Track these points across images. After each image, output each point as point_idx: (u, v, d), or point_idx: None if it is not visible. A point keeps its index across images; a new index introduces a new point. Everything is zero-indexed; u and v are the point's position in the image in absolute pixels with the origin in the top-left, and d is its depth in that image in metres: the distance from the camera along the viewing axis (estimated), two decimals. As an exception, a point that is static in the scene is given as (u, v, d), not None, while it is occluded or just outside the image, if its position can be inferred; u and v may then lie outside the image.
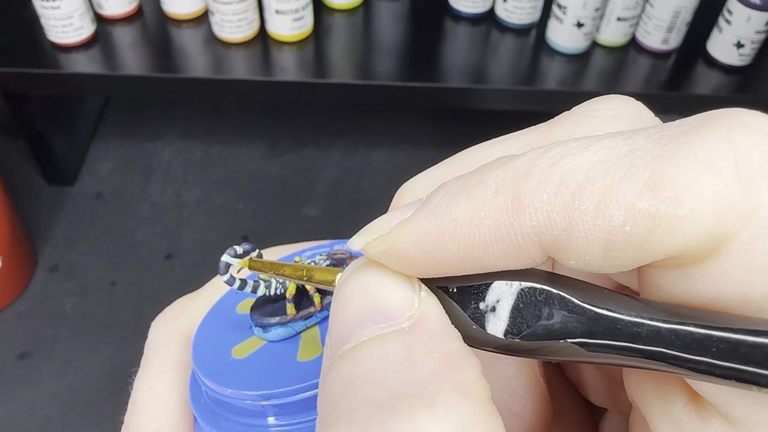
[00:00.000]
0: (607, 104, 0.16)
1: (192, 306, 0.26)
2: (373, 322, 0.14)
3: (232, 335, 0.23)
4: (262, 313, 0.23)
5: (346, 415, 0.13)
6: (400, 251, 0.14)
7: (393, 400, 0.12)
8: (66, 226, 1.04)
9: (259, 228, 1.04)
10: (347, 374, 0.13)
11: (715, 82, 0.94)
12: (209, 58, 0.94)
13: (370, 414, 0.12)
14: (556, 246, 0.13)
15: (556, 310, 0.13)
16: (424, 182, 0.17)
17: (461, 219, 0.13)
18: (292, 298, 0.23)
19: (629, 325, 0.13)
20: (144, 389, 0.24)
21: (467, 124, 1.18)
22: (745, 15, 0.87)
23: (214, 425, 0.21)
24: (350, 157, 1.14)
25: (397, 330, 0.14)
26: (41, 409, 0.88)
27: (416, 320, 0.14)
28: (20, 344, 0.92)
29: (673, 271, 0.13)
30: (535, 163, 0.13)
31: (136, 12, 0.98)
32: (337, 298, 0.15)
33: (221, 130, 1.18)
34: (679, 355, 0.12)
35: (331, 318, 0.15)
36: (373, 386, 0.13)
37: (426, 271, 0.14)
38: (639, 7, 0.92)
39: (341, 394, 0.13)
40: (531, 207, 0.13)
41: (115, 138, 1.16)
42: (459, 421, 0.12)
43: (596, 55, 0.96)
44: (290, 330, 0.23)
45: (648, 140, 0.12)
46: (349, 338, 0.14)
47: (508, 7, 0.96)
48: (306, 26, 0.94)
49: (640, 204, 0.12)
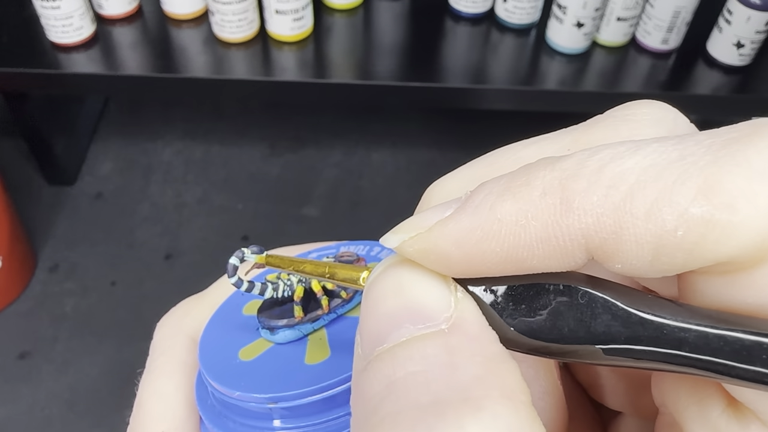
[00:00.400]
0: (643, 109, 0.16)
1: (198, 307, 0.26)
2: (410, 322, 0.14)
3: (239, 337, 0.23)
4: (269, 315, 0.23)
5: (390, 417, 0.12)
6: (440, 250, 0.14)
7: (439, 404, 0.12)
8: (66, 226, 1.04)
9: (259, 228, 1.04)
10: (387, 376, 0.13)
11: (715, 82, 0.94)
12: (209, 58, 0.94)
13: (417, 417, 0.12)
14: (603, 249, 0.13)
15: (598, 313, 0.13)
16: (456, 182, 0.17)
17: (507, 219, 0.13)
18: (299, 300, 0.23)
19: (676, 330, 0.13)
20: (150, 390, 0.24)
21: (467, 124, 1.18)
22: (745, 15, 0.87)
23: (221, 427, 0.21)
24: (350, 157, 1.14)
25: (437, 331, 0.13)
26: (41, 409, 0.88)
27: (454, 321, 0.14)
28: (20, 344, 0.92)
29: (719, 278, 0.13)
30: (583, 165, 0.13)
31: (136, 12, 0.98)
32: (369, 296, 0.15)
33: (221, 130, 1.18)
34: (727, 363, 0.12)
35: (363, 317, 0.15)
36: (416, 389, 0.13)
37: (465, 272, 0.14)
38: (639, 7, 0.92)
39: (382, 396, 0.13)
40: (580, 209, 0.12)
41: (115, 138, 1.16)
42: (506, 426, 0.12)
43: (596, 55, 0.96)
44: (298, 332, 0.22)
45: (699, 146, 0.12)
46: (386, 338, 0.14)
47: (508, 7, 0.96)
48: (306, 26, 0.94)
49: (694, 209, 0.12)
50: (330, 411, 0.20)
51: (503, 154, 0.17)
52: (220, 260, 0.31)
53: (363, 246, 0.26)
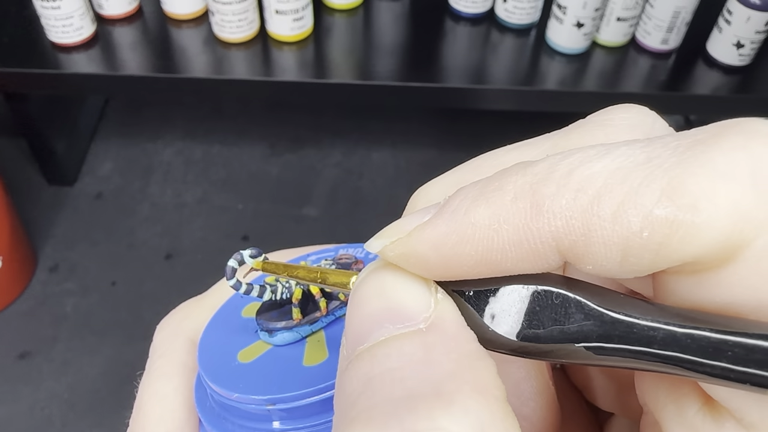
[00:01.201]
0: (621, 113, 0.16)
1: (197, 309, 0.26)
2: (390, 322, 0.14)
3: (238, 339, 0.23)
4: (267, 317, 0.23)
5: (365, 412, 0.13)
6: (419, 254, 0.14)
7: (412, 398, 0.13)
8: (66, 226, 1.04)
9: (259, 228, 1.04)
10: (365, 373, 0.13)
11: (715, 83, 0.94)
12: (209, 58, 0.94)
13: (390, 411, 0.12)
14: (573, 251, 0.13)
15: (572, 313, 0.14)
16: (440, 187, 0.17)
17: (480, 223, 0.13)
18: (297, 302, 0.23)
19: (645, 329, 0.13)
20: (149, 393, 0.24)
21: (467, 124, 1.18)
22: (745, 15, 0.87)
23: (220, 429, 0.21)
24: (350, 157, 1.14)
25: (415, 330, 0.14)
26: (41, 409, 0.88)
27: (433, 321, 0.14)
28: (20, 344, 0.92)
29: (688, 277, 0.13)
30: (553, 169, 0.13)
31: (136, 12, 0.98)
32: (354, 299, 0.15)
33: (221, 130, 1.18)
34: (694, 360, 0.12)
35: (348, 318, 0.15)
36: (391, 385, 0.13)
37: (443, 274, 0.14)
38: (639, 7, 0.92)
39: (359, 392, 0.13)
40: (550, 212, 0.13)
41: (115, 138, 1.16)
42: (477, 420, 0.12)
43: (596, 56, 0.96)
44: (296, 334, 0.23)
45: (665, 148, 0.13)
46: (366, 338, 0.14)
47: (508, 7, 0.96)
48: (306, 26, 0.94)
49: (658, 211, 0.12)
50: (329, 412, 0.20)
51: (486, 159, 0.17)
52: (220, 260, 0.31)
53: (362, 249, 0.26)
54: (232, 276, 0.22)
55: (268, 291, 0.23)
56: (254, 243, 1.01)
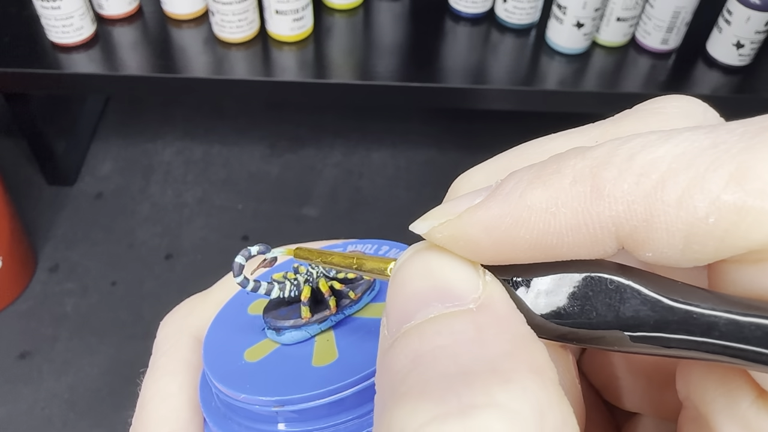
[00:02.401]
0: (673, 102, 0.16)
1: (201, 306, 0.26)
2: (438, 301, 0.14)
3: (244, 337, 0.23)
4: (275, 315, 0.22)
5: (417, 387, 0.12)
6: (469, 236, 0.14)
7: (467, 374, 0.12)
8: (66, 226, 1.04)
9: (259, 228, 1.04)
10: (414, 350, 0.13)
11: (715, 83, 0.94)
12: (209, 58, 0.94)
13: (445, 386, 0.12)
14: (633, 237, 0.13)
15: (627, 299, 0.13)
16: (484, 173, 0.17)
17: (537, 206, 0.13)
18: (306, 300, 0.22)
19: (705, 317, 0.12)
20: (153, 391, 0.23)
21: (467, 124, 1.18)
22: (745, 15, 0.87)
23: (225, 429, 0.21)
24: (350, 157, 1.14)
25: (465, 310, 0.14)
26: (41, 409, 0.88)
27: (483, 302, 0.14)
28: (20, 344, 0.92)
29: (749, 266, 0.13)
30: (614, 153, 0.13)
31: (136, 12, 0.98)
32: (397, 278, 0.15)
33: (221, 130, 1.18)
34: (758, 350, 0.12)
35: (390, 298, 0.15)
36: (444, 361, 0.13)
37: (493, 258, 0.14)
38: (639, 7, 0.92)
39: (408, 369, 0.13)
40: (611, 196, 0.13)
41: (115, 138, 1.16)
42: (535, 399, 0.12)
43: (596, 56, 0.96)
44: (304, 333, 0.22)
45: (731, 134, 0.12)
46: (413, 316, 0.14)
47: (508, 7, 0.96)
48: (306, 26, 0.94)
49: (726, 196, 0.12)
50: (337, 415, 0.20)
51: (530, 146, 0.17)
52: (220, 260, 0.31)
53: (371, 245, 0.26)
54: (239, 272, 0.22)
55: (276, 288, 0.23)
56: (254, 243, 1.01)
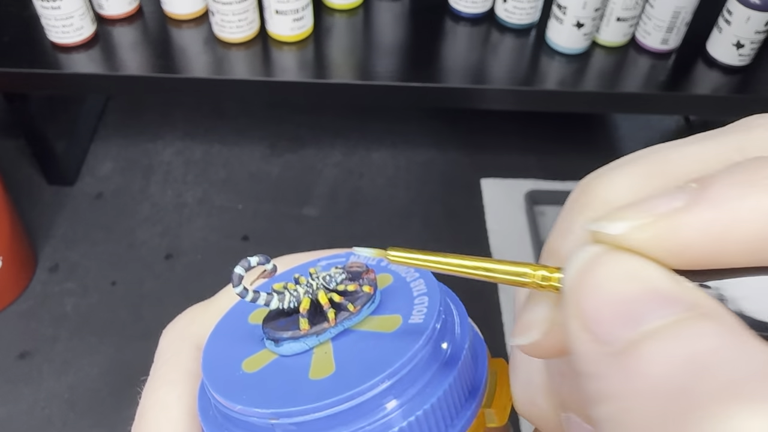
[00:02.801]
0: None
1: (204, 315, 0.26)
2: (662, 308, 0.13)
3: (243, 347, 0.23)
4: (274, 326, 0.22)
5: (734, 389, 0.11)
6: (680, 239, 0.13)
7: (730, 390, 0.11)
8: (66, 226, 1.04)
9: (259, 228, 1.04)
10: (673, 355, 0.12)
11: (715, 83, 0.94)
12: (209, 59, 0.94)
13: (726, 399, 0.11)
14: None
15: None
16: (628, 179, 0.16)
17: (755, 211, 0.13)
18: (306, 312, 0.22)
19: None
20: (152, 400, 0.23)
21: (467, 124, 1.18)
22: (745, 15, 0.87)
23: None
24: (350, 157, 1.14)
25: (698, 315, 0.13)
26: (41, 409, 0.88)
27: (709, 311, 0.13)
28: (20, 344, 0.92)
29: None
30: None
31: (136, 12, 0.98)
32: (592, 282, 0.14)
33: (221, 130, 1.18)
34: None
35: (587, 304, 0.14)
36: (720, 367, 0.12)
37: (696, 263, 0.13)
38: (639, 7, 0.92)
39: (684, 376, 0.12)
40: None
41: (115, 138, 1.16)
42: None
43: (596, 56, 0.96)
44: (303, 345, 0.22)
45: None
46: (640, 321, 0.13)
47: (508, 7, 0.96)
48: (306, 26, 0.94)
49: None
50: (334, 428, 0.19)
51: (669, 150, 0.16)
52: (220, 260, 0.31)
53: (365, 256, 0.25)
54: (238, 283, 0.22)
55: (276, 299, 0.22)
56: (254, 243, 1.01)
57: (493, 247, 0.99)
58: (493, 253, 0.98)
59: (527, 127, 1.16)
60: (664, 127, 1.19)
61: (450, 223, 1.02)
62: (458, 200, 1.05)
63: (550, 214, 1.00)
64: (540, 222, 0.99)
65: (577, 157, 1.10)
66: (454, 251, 0.17)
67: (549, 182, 1.06)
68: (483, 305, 0.93)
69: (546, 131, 1.15)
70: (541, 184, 1.06)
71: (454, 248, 0.99)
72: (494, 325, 0.92)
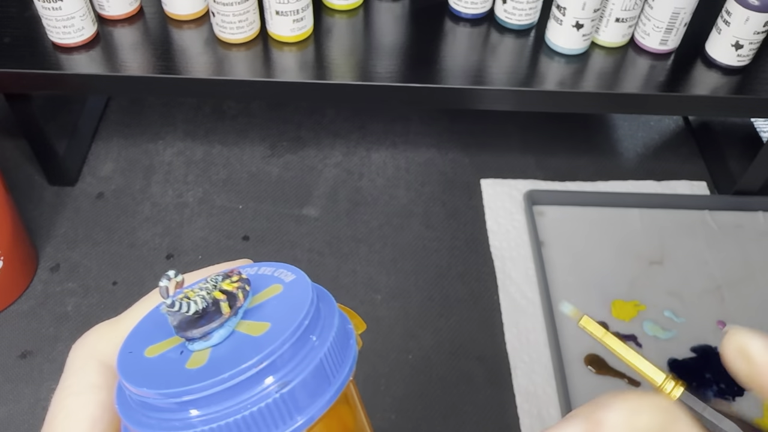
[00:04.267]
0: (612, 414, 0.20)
1: (112, 333, 0.29)
2: None
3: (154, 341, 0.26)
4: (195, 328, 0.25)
5: None
6: None
7: None
8: (67, 226, 1.04)
9: (259, 228, 1.04)
10: None
11: (714, 83, 0.94)
12: (210, 59, 0.94)
13: None
14: None
15: None
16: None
17: None
18: (224, 298, 0.25)
19: None
20: (58, 408, 0.26)
21: (467, 125, 1.18)
22: (744, 16, 0.88)
23: (141, 425, 0.23)
24: (350, 157, 1.14)
25: None
26: (42, 409, 0.88)
27: None
28: (21, 344, 0.92)
29: None
30: None
31: (137, 13, 0.98)
32: None
33: (222, 130, 1.18)
34: None
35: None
36: None
37: None
38: (638, 8, 0.92)
39: None
40: None
41: (116, 138, 1.16)
42: None
43: (595, 56, 0.97)
44: (228, 329, 0.25)
45: None
46: None
47: (508, 8, 0.96)
48: (306, 27, 0.95)
49: None
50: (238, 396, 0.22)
51: None
52: (220, 260, 0.32)
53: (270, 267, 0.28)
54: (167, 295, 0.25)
55: (197, 302, 0.25)
56: (254, 243, 1.02)
57: (493, 247, 0.99)
58: (493, 253, 0.98)
59: (527, 128, 1.17)
60: (663, 127, 1.19)
61: (450, 223, 1.03)
62: (458, 200, 1.06)
63: (550, 214, 1.00)
64: (539, 222, 1.00)
65: (577, 157, 1.10)
66: (453, 251, 0.18)
67: (548, 182, 1.07)
68: (483, 305, 0.93)
69: (545, 132, 1.15)
70: (541, 185, 1.06)
71: (453, 248, 0.99)
72: (494, 325, 0.92)
